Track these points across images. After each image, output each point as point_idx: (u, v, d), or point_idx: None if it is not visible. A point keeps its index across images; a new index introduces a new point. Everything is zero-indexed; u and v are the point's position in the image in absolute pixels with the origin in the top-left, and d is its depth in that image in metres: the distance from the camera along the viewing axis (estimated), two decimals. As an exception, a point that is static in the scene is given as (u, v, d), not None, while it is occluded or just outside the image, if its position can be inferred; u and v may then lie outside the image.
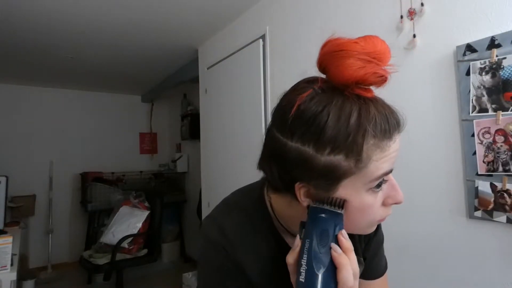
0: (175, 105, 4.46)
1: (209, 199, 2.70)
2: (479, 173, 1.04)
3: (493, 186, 1.01)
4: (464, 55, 1.07)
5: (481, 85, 1.03)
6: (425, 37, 1.21)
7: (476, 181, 1.05)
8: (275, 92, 1.94)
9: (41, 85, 3.99)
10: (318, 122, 0.41)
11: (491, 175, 1.01)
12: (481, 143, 1.03)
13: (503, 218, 0.99)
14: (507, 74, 0.97)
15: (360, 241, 0.61)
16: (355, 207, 0.44)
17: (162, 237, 3.81)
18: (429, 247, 1.20)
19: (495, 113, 1.00)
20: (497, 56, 0.99)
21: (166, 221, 3.86)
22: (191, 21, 2.35)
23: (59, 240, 3.94)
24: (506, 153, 0.98)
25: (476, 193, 1.05)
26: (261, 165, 0.49)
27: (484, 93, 1.02)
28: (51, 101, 4.10)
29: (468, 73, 1.06)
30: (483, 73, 1.03)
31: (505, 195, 0.98)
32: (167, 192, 4.01)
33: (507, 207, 0.98)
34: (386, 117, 0.42)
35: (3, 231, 2.01)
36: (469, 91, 1.06)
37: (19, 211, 3.50)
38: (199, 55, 2.88)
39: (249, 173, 2.12)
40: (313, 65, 0.46)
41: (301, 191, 0.45)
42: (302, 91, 0.44)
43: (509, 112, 0.97)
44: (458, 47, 1.09)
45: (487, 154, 1.02)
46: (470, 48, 1.06)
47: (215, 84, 2.59)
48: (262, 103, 2.01)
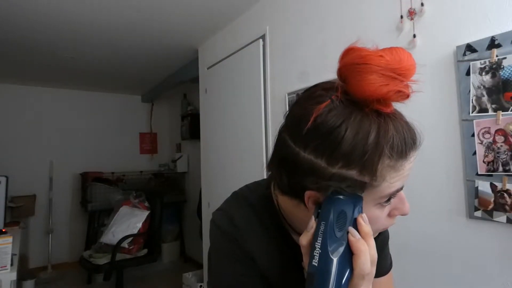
0: (175, 105, 4.46)
1: (209, 199, 2.70)
2: (479, 173, 1.04)
3: (493, 186, 1.01)
4: (464, 55, 1.07)
5: (481, 85, 1.03)
6: (425, 37, 1.21)
7: (476, 181, 1.05)
8: (275, 92, 1.94)
9: (41, 85, 3.99)
10: (334, 136, 0.40)
11: (491, 175, 1.01)
12: (481, 143, 1.03)
13: (503, 218, 0.99)
14: (507, 74, 0.97)
15: None
16: None
17: (162, 237, 3.82)
18: (429, 247, 1.20)
19: (495, 113, 1.00)
20: (497, 56, 0.99)
21: (166, 221, 3.86)
22: (191, 21, 2.35)
23: (59, 240, 3.94)
24: (506, 153, 0.98)
25: (476, 193, 1.05)
26: (271, 168, 0.49)
27: (484, 93, 1.02)
28: (51, 101, 4.10)
29: (468, 73, 1.06)
30: (483, 73, 1.03)
31: (505, 195, 0.98)
32: (167, 192, 4.01)
33: (507, 207, 0.98)
34: (403, 137, 0.41)
35: (3, 231, 2.01)
36: (469, 91, 1.06)
37: (19, 211, 3.50)
38: (199, 55, 2.88)
39: (249, 173, 2.12)
40: (313, 65, 0.46)
41: (310, 199, 0.44)
42: (319, 100, 0.42)
43: (509, 112, 0.97)
44: (458, 47, 1.09)
45: (487, 154, 1.02)
46: (470, 48, 1.06)
47: (215, 84, 2.59)
48: (262, 103, 2.01)
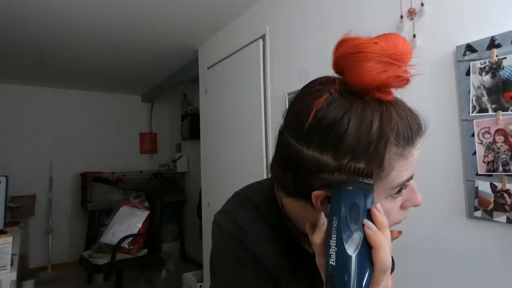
0: (175, 105, 4.46)
1: (209, 199, 2.70)
2: (479, 173, 1.04)
3: (493, 186, 1.01)
4: (464, 55, 1.07)
5: (481, 85, 1.03)
6: (425, 37, 1.21)
7: (476, 181, 1.05)
8: (275, 92, 1.94)
9: (41, 85, 3.99)
10: (337, 130, 0.38)
11: (491, 175, 1.01)
12: (481, 143, 1.03)
13: (503, 218, 0.99)
14: (507, 74, 0.97)
15: None
16: None
17: (162, 237, 3.81)
18: (429, 247, 1.20)
19: (495, 113, 1.00)
20: (497, 56, 0.99)
21: (166, 221, 3.86)
22: (191, 21, 2.35)
23: (59, 240, 3.94)
24: (506, 153, 0.98)
25: (476, 193, 1.05)
26: (274, 169, 0.47)
27: (484, 93, 1.02)
28: (51, 101, 4.10)
29: (468, 73, 1.06)
30: (483, 73, 1.03)
31: (505, 195, 0.98)
32: (167, 192, 4.01)
33: (507, 207, 0.98)
34: (408, 123, 0.40)
35: (3, 231, 2.01)
36: (469, 91, 1.06)
37: (19, 211, 3.50)
38: (199, 55, 2.88)
39: (249, 173, 2.12)
40: (313, 65, 0.45)
41: (318, 199, 0.43)
42: (318, 94, 0.41)
43: (509, 112, 0.97)
44: (458, 47, 1.09)
45: (487, 154, 1.02)
46: (470, 48, 1.06)
47: (215, 84, 2.59)
48: (262, 103, 2.01)
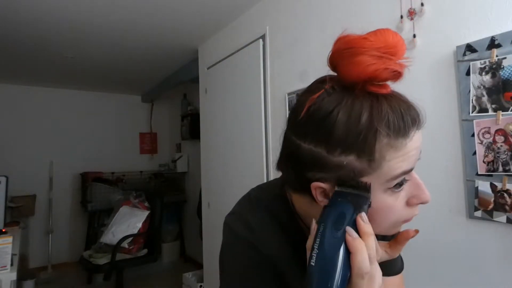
0: (175, 105, 4.46)
1: (209, 199, 2.70)
2: (479, 173, 1.04)
3: (493, 186, 1.01)
4: (464, 55, 1.07)
5: (481, 85, 1.03)
6: (425, 37, 1.21)
7: (476, 181, 1.05)
8: (275, 92, 1.94)
9: (41, 85, 3.99)
10: (327, 122, 0.40)
11: (491, 175, 1.01)
12: (481, 143, 1.03)
13: (503, 218, 0.99)
14: (507, 74, 0.97)
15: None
16: (373, 207, 0.43)
17: (162, 237, 3.82)
18: (429, 247, 1.20)
19: (495, 113, 1.00)
20: (497, 56, 0.99)
21: (166, 221, 3.87)
22: (191, 21, 2.35)
23: (59, 240, 3.94)
24: (506, 153, 0.98)
25: (476, 193, 1.05)
26: (280, 166, 0.49)
27: (484, 93, 1.02)
28: (51, 101, 4.10)
29: (468, 73, 1.06)
30: (483, 73, 1.03)
31: (505, 195, 0.98)
32: (167, 192, 4.02)
33: (507, 207, 0.98)
34: (400, 114, 0.40)
35: (3, 231, 2.01)
36: (469, 91, 1.06)
37: (19, 211, 3.50)
38: (199, 55, 2.88)
39: (249, 172, 2.12)
40: (313, 65, 0.46)
41: (317, 191, 0.44)
42: (313, 92, 0.43)
43: (509, 112, 0.97)
44: (458, 47, 1.09)
45: (487, 154, 1.02)
46: (470, 48, 1.06)
47: (215, 84, 2.59)
48: (262, 103, 2.01)
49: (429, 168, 1.19)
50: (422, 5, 1.20)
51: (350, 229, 0.39)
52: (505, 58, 0.98)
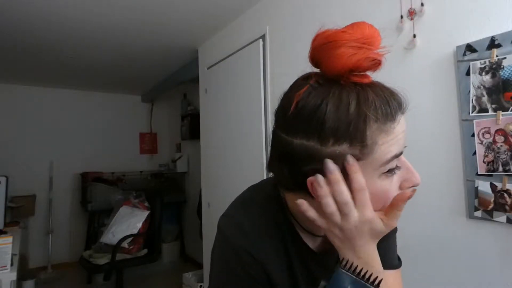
0: (175, 105, 4.46)
1: (209, 199, 2.70)
2: (479, 173, 1.04)
3: (493, 186, 1.01)
4: (464, 55, 1.07)
5: (481, 85, 1.03)
6: (425, 37, 1.21)
7: (476, 181, 1.05)
8: (275, 92, 1.94)
9: (41, 85, 3.99)
10: (318, 115, 0.41)
11: (491, 175, 1.01)
12: (481, 143, 1.03)
13: (503, 218, 0.99)
14: (507, 74, 0.97)
15: None
16: (372, 194, 0.44)
17: (162, 237, 3.81)
18: (429, 247, 1.20)
19: (495, 113, 1.00)
20: (497, 56, 0.99)
21: (166, 221, 3.86)
22: (191, 21, 2.35)
23: (59, 240, 3.94)
24: (506, 153, 0.98)
25: (476, 193, 1.05)
26: (271, 167, 0.49)
27: (484, 93, 1.02)
28: (51, 101, 4.10)
29: (468, 73, 1.06)
30: (483, 73, 1.03)
31: (505, 195, 0.98)
32: (167, 192, 4.01)
33: (507, 207, 0.98)
34: (386, 100, 0.42)
35: (3, 231, 2.01)
36: (469, 91, 1.06)
37: (19, 211, 3.50)
38: (199, 55, 2.88)
39: (249, 173, 2.12)
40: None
41: (313, 185, 0.44)
42: (299, 88, 0.44)
43: (509, 112, 0.97)
44: (458, 47, 1.09)
45: (487, 154, 1.02)
46: (470, 48, 1.06)
47: (215, 84, 2.59)
48: (262, 103, 2.01)
49: (429, 168, 1.19)
50: (422, 5, 1.20)
51: None
52: (505, 58, 0.98)
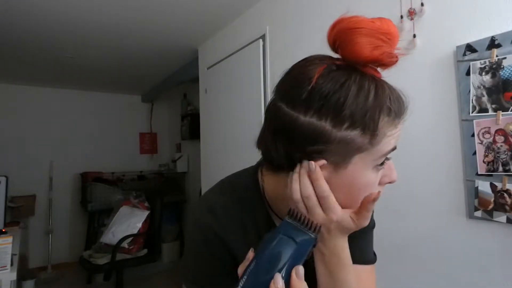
0: (175, 105, 4.46)
1: (209, 199, 2.70)
2: (479, 173, 1.04)
3: (493, 186, 1.01)
4: (464, 55, 1.07)
5: (481, 85, 1.03)
6: (425, 37, 1.21)
7: (476, 181, 1.05)
8: (275, 92, 1.94)
9: (41, 85, 3.99)
10: (338, 97, 0.40)
11: (491, 175, 1.01)
12: (481, 143, 1.03)
13: (503, 218, 0.99)
14: (507, 74, 0.97)
15: None
16: (361, 183, 0.44)
17: (162, 237, 3.81)
18: (429, 247, 1.20)
19: (495, 113, 1.00)
20: (497, 56, 0.99)
21: (166, 221, 3.86)
22: (191, 21, 2.35)
23: (59, 240, 3.94)
24: (506, 153, 0.98)
25: (476, 193, 1.05)
26: (263, 143, 0.47)
27: (484, 93, 1.02)
28: (51, 101, 4.10)
29: (468, 73, 1.06)
30: (483, 73, 1.03)
31: (505, 195, 0.98)
32: (167, 192, 4.01)
33: (507, 207, 0.98)
34: (398, 96, 0.43)
35: (3, 231, 2.01)
36: (469, 91, 1.06)
37: (19, 211, 3.50)
38: (199, 55, 2.88)
39: (249, 173, 2.12)
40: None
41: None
42: (316, 65, 0.43)
43: (509, 112, 0.97)
44: (458, 47, 1.09)
45: (487, 154, 1.02)
46: (470, 48, 1.06)
47: (215, 84, 2.59)
48: (262, 103, 2.01)
49: (429, 168, 1.19)
50: (422, 5, 1.20)
51: (278, 280, 0.36)
52: (505, 58, 0.98)
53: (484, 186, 1.03)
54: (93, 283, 3.47)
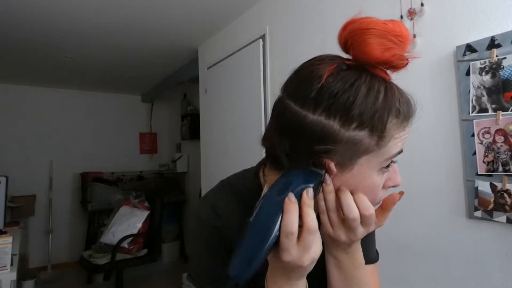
0: (175, 105, 4.46)
1: (209, 199, 2.70)
2: (479, 173, 1.04)
3: (493, 186, 1.01)
4: (464, 55, 1.07)
5: (481, 85, 1.03)
6: (425, 37, 1.21)
7: (476, 181, 1.05)
8: (275, 92, 1.94)
9: (41, 85, 3.99)
10: (347, 96, 0.40)
11: (491, 175, 1.01)
12: (481, 143, 1.03)
13: (503, 218, 0.99)
14: (507, 74, 0.97)
15: None
16: (365, 186, 0.44)
17: (162, 237, 3.81)
18: (429, 247, 1.20)
19: (495, 113, 1.00)
20: (497, 56, 0.99)
21: (166, 221, 3.86)
22: (191, 21, 2.35)
23: (59, 240, 3.94)
24: (506, 153, 0.98)
25: (476, 193, 1.05)
26: (268, 140, 0.47)
27: (484, 93, 1.02)
28: (51, 101, 4.10)
29: (468, 73, 1.06)
30: (483, 73, 1.03)
31: (505, 195, 0.98)
32: (167, 192, 4.01)
33: (507, 207, 0.98)
34: (407, 99, 0.44)
35: (3, 231, 2.01)
36: (469, 91, 1.06)
37: (19, 211, 3.50)
38: (199, 55, 2.88)
39: (249, 173, 2.12)
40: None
41: (330, 168, 0.43)
42: (327, 64, 0.43)
43: (509, 112, 0.97)
44: (458, 47, 1.09)
45: (487, 154, 1.02)
46: (470, 48, 1.06)
47: (215, 84, 2.59)
48: (262, 103, 2.01)
49: (429, 168, 1.19)
50: (422, 5, 1.20)
51: (291, 194, 0.40)
52: (505, 58, 0.98)
53: (484, 186, 1.03)
54: (93, 283, 3.47)
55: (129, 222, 3.24)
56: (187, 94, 4.14)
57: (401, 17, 1.26)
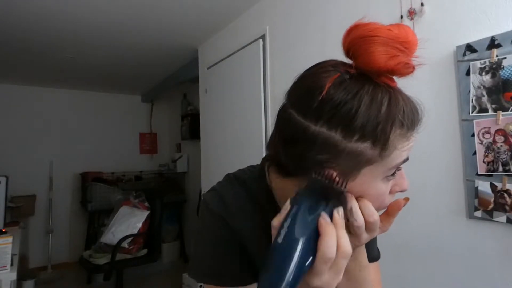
0: (175, 105, 4.46)
1: (209, 199, 2.70)
2: (479, 173, 1.04)
3: (493, 186, 1.01)
4: (464, 55, 1.07)
5: (481, 85, 1.03)
6: (425, 37, 1.20)
7: (476, 181, 1.05)
8: (275, 92, 1.94)
9: (41, 85, 3.99)
10: (349, 108, 0.39)
11: (491, 175, 1.01)
12: (481, 143, 1.03)
13: (503, 218, 0.99)
14: (507, 74, 0.97)
15: None
16: (370, 194, 0.43)
17: (162, 237, 3.81)
18: (429, 247, 1.20)
19: (495, 113, 1.00)
20: (497, 56, 0.99)
21: (166, 221, 3.86)
22: (191, 21, 2.35)
23: (59, 240, 3.94)
24: (506, 153, 0.98)
25: (476, 193, 1.05)
26: (272, 147, 0.47)
27: (484, 93, 1.02)
28: (51, 101, 4.10)
29: (468, 73, 1.06)
30: (483, 73, 1.03)
31: (505, 195, 0.98)
32: (167, 192, 4.01)
33: (507, 207, 0.98)
34: (412, 108, 0.42)
35: (3, 231, 2.01)
36: (469, 91, 1.06)
37: (19, 211, 3.50)
38: (199, 55, 2.88)
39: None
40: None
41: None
42: (330, 73, 0.41)
43: (509, 112, 0.97)
44: (458, 47, 1.09)
45: (487, 154, 1.02)
46: (470, 48, 1.06)
47: (215, 84, 2.59)
48: (262, 103, 2.01)
49: (429, 168, 1.19)
50: (422, 5, 1.20)
51: (325, 214, 0.38)
52: (505, 58, 0.98)
53: (484, 186, 1.03)
54: (93, 283, 3.47)
55: (129, 222, 3.24)
56: (187, 94, 4.14)
57: (401, 17, 1.26)
